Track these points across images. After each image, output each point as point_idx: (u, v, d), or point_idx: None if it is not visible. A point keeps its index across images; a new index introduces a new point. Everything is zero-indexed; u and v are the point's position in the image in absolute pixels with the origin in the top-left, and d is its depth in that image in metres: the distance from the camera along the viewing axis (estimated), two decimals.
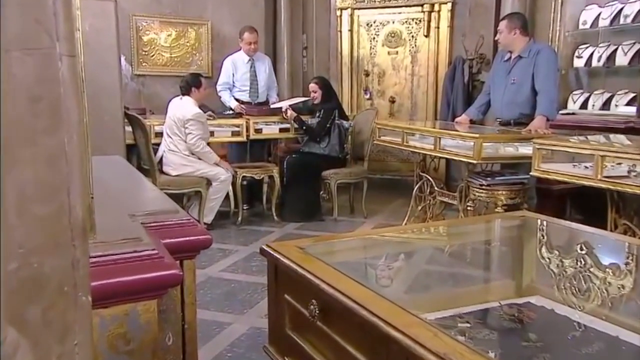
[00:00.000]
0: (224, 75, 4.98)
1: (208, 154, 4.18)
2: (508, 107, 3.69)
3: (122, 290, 0.96)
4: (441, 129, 3.75)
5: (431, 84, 5.74)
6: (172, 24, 5.51)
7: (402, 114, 5.93)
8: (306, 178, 4.60)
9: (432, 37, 5.68)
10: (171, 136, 4.13)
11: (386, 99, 5.99)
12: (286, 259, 1.29)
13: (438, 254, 1.96)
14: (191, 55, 5.63)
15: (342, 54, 6.06)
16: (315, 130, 4.67)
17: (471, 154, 3.14)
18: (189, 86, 4.14)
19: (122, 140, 3.82)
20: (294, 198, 4.61)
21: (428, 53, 5.73)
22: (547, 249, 1.76)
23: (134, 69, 5.38)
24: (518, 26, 3.60)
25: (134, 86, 5.40)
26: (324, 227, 4.49)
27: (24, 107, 0.70)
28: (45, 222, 0.73)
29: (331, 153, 4.66)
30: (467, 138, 3.25)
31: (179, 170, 4.11)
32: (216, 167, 4.21)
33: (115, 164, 2.02)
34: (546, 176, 2.70)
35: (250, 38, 4.88)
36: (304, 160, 4.67)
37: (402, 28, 5.84)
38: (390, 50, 5.93)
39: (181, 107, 4.11)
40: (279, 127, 4.79)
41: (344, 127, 4.71)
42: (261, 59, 5.09)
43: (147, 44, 5.45)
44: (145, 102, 5.33)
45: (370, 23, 5.97)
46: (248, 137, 4.64)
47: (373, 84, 6.05)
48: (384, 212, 5.00)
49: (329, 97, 4.80)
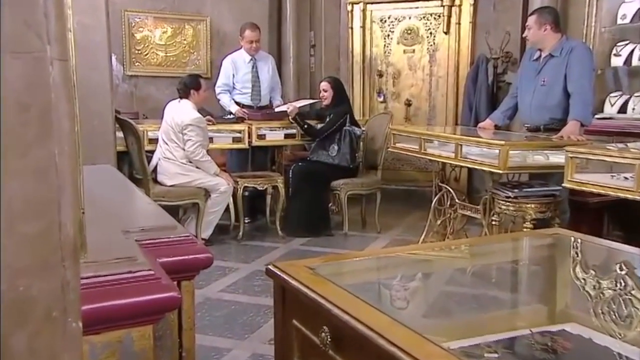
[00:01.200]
0: (223, 76, 5.01)
1: (208, 163, 4.20)
2: (537, 111, 3.68)
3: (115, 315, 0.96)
4: (463, 135, 3.75)
5: (451, 85, 5.74)
6: (167, 20, 5.57)
7: (419, 119, 5.94)
8: (314, 189, 4.60)
9: (453, 34, 5.69)
10: (167, 142, 4.15)
11: (402, 102, 6.00)
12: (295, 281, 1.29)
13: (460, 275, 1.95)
14: (188, 54, 5.68)
15: (354, 53, 6.09)
16: (317, 131, 4.68)
17: (496, 163, 3.13)
18: (188, 88, 4.18)
19: (113, 147, 3.85)
20: (300, 211, 4.61)
21: (448, 51, 5.74)
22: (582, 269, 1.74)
23: (125, 69, 5.43)
24: (549, 21, 3.60)
25: (126, 88, 5.45)
26: (333, 242, 4.49)
27: (11, 116, 0.71)
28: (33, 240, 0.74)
29: (341, 163, 4.67)
30: (492, 145, 3.24)
31: (174, 179, 4.14)
32: (216, 177, 4.23)
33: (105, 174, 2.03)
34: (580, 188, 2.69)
35: (252, 36, 4.91)
36: (312, 169, 4.68)
37: (420, 24, 5.86)
38: (406, 49, 5.95)
39: (179, 111, 4.14)
40: (284, 132, 4.81)
41: (356, 134, 4.71)
42: (264, 58, 5.13)
43: (140, 42, 5.50)
44: (137, 105, 5.38)
45: (385, 19, 5.99)
46: (250, 144, 4.66)
47: (387, 86, 6.06)
48: (400, 226, 4.99)
49: (341, 100, 4.82)
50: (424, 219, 4.26)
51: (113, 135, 3.90)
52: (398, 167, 6.03)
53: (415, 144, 3.85)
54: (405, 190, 5.90)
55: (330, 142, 4.69)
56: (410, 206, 5.45)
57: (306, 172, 4.65)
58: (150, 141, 4.30)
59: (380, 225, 4.78)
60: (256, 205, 5.01)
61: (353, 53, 6.09)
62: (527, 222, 3.19)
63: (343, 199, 4.64)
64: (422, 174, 5.83)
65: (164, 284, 1.03)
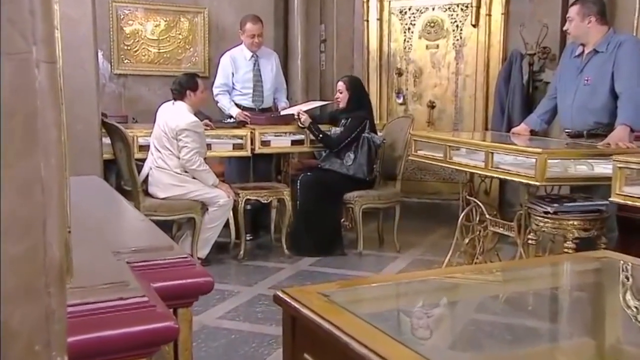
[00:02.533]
0: (222, 75, 5.04)
1: (205, 173, 4.22)
2: (580, 114, 3.67)
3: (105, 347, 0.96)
4: (494, 142, 3.74)
5: (480, 85, 5.74)
6: (160, 13, 5.63)
7: (444, 123, 5.93)
8: (324, 202, 4.62)
9: (482, 26, 5.70)
10: (160, 150, 4.18)
11: (424, 104, 6.00)
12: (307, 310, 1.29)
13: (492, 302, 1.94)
14: (184, 50, 5.72)
15: (369, 49, 6.11)
16: (333, 140, 4.69)
17: (532, 174, 3.11)
18: (183, 89, 4.21)
19: (99, 155, 3.89)
20: (309, 226, 4.62)
21: (477, 47, 5.74)
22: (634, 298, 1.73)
23: (113, 67, 5.49)
24: (594, 12, 3.59)
25: (114, 88, 5.50)
26: (346, 263, 4.48)
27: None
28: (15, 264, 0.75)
29: (357, 174, 4.67)
30: (528, 153, 3.23)
31: (168, 191, 4.16)
32: (214, 189, 4.25)
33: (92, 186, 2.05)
34: (631, 202, 2.67)
35: (254, 29, 4.94)
36: (322, 179, 4.69)
37: (445, 16, 5.88)
38: (429, 44, 5.95)
39: (174, 114, 4.18)
40: (290, 138, 4.83)
41: (375, 143, 4.71)
42: (267, 55, 5.16)
43: (129, 36, 5.56)
44: (127, 107, 5.42)
45: (405, 10, 6.02)
46: (253, 151, 4.68)
47: (407, 86, 6.07)
48: (422, 245, 4.98)
49: (359, 104, 4.80)
50: (449, 237, 4.25)
51: (99, 142, 3.93)
52: (420, 178, 6.02)
53: (440, 152, 3.84)
54: (428, 204, 5.89)
55: (346, 150, 4.69)
56: (433, 222, 5.43)
57: (316, 183, 4.66)
58: (141, 148, 4.33)
59: (399, 243, 4.77)
60: (259, 221, 5.02)
61: (369, 49, 6.11)
62: (569, 242, 3.16)
63: (357, 213, 4.64)
64: (448, 186, 5.82)
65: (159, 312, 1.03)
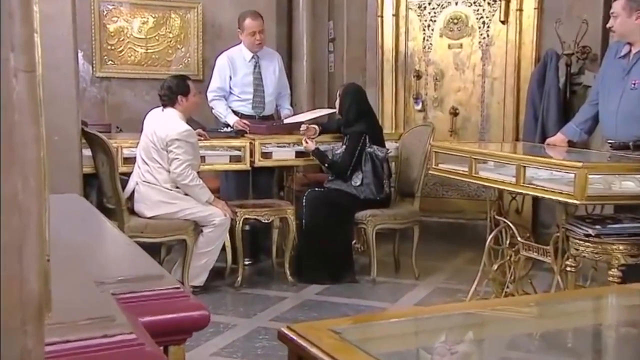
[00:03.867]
0: (218, 78, 5.06)
1: (198, 188, 4.23)
2: (625, 123, 3.66)
3: None
4: (526, 154, 3.74)
5: (510, 89, 5.73)
6: (148, 8, 5.68)
7: (469, 132, 5.93)
8: (333, 221, 4.61)
9: (512, 23, 5.70)
10: (147, 162, 4.20)
11: (446, 111, 6.00)
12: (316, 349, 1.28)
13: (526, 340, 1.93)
14: (174, 50, 5.76)
15: (384, 48, 6.12)
16: (341, 167, 4.69)
17: (571, 191, 3.10)
18: (173, 94, 4.22)
19: (78, 169, 3.90)
20: (315, 249, 4.61)
21: (506, 46, 5.75)
22: None
23: (95, 70, 5.53)
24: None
25: (95, 93, 5.53)
26: (357, 291, 4.47)
27: None
28: None
29: (367, 196, 4.66)
30: (565, 167, 3.22)
31: (156, 209, 4.17)
32: (209, 207, 4.25)
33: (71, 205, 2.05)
34: None
35: (254, 26, 4.96)
36: (330, 196, 4.70)
37: (469, 11, 5.89)
38: (451, 43, 5.97)
39: (163, 122, 4.19)
40: (295, 149, 4.84)
41: (378, 157, 4.67)
42: (269, 56, 5.18)
43: (113, 35, 5.60)
44: (110, 115, 5.45)
45: (424, 4, 6.04)
46: (252, 164, 4.69)
47: (427, 90, 6.07)
48: (444, 271, 4.96)
49: (355, 115, 4.75)
50: (475, 262, 4.22)
51: (78, 154, 3.95)
52: (441, 195, 6.00)
53: (464, 165, 3.84)
54: (450, 224, 5.87)
55: (352, 170, 4.68)
56: (457, 245, 5.41)
57: (323, 200, 4.67)
58: (126, 161, 4.34)
59: (418, 269, 4.75)
60: (259, 243, 5.02)
61: (383, 48, 6.12)
62: (614, 269, 3.14)
63: (370, 234, 4.63)
64: (473, 204, 5.80)
65: (148, 351, 1.03)
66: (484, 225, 4.24)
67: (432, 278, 4.77)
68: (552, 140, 4.11)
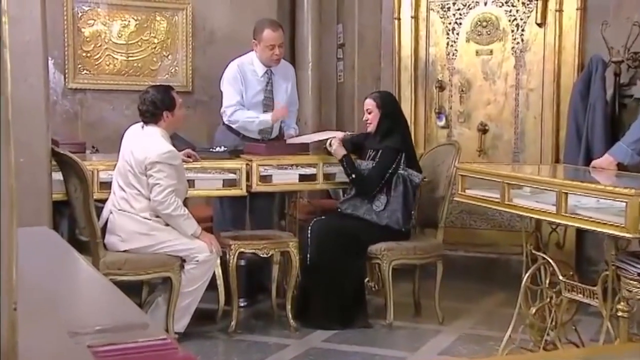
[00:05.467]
0: (233, 91, 5.04)
1: (183, 219, 4.20)
2: None
3: None
4: (568, 179, 3.72)
5: (548, 102, 5.73)
6: (129, 9, 5.72)
7: (501, 152, 5.93)
8: (343, 256, 4.60)
9: (551, 25, 5.72)
10: (124, 188, 4.19)
11: (473, 128, 6.00)
12: None
13: None
14: (160, 58, 5.79)
15: (401, 55, 6.14)
16: (368, 183, 4.68)
17: (622, 222, 3.07)
18: (158, 110, 4.21)
19: (47, 195, 3.89)
20: (322, 289, 4.61)
21: (543, 52, 5.76)
22: None
23: (67, 80, 5.55)
24: None
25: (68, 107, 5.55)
26: (371, 338, 4.45)
27: None
28: None
29: (390, 223, 4.65)
30: (615, 195, 3.19)
31: (131, 242, 4.15)
32: (193, 240, 4.23)
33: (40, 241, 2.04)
34: None
35: (274, 39, 4.98)
36: (340, 225, 4.69)
37: (501, 12, 5.91)
38: (480, 49, 5.98)
39: (142, 142, 4.19)
40: (298, 172, 4.83)
41: (414, 182, 4.68)
42: (283, 70, 5.22)
43: (89, 40, 5.64)
44: (85, 132, 5.47)
45: (448, 5, 6.06)
46: (250, 190, 4.68)
47: (451, 103, 6.08)
48: (472, 315, 4.94)
49: (392, 127, 4.78)
50: (509, 305, 4.19)
51: (48, 179, 3.95)
52: (468, 225, 6.00)
53: (495, 191, 3.83)
54: (479, 259, 5.86)
55: (377, 191, 4.67)
56: (488, 284, 5.40)
57: (332, 231, 4.66)
58: (103, 186, 4.33)
59: (442, 312, 4.74)
60: (257, 281, 5.01)
61: (400, 55, 6.15)
62: None
63: (386, 271, 4.62)
64: (506, 236, 5.77)
65: None
66: (519, 261, 4.22)
67: (458, 323, 4.75)
68: (598, 163, 4.10)
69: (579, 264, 4.96)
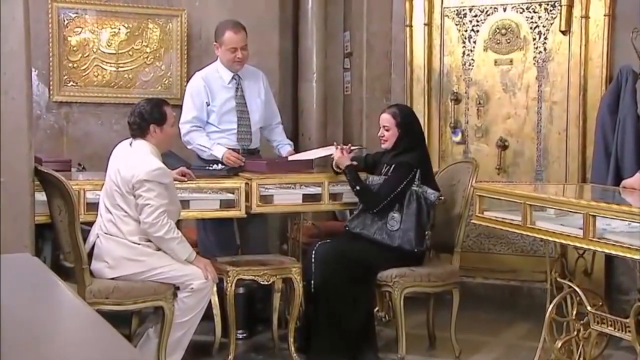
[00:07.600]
0: (192, 105, 5.07)
1: (176, 242, 4.17)
2: None
3: None
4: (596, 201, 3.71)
5: (574, 116, 5.74)
6: (119, 16, 5.74)
7: (522, 171, 5.94)
8: (350, 283, 4.57)
9: (576, 33, 5.73)
10: (110, 210, 4.17)
11: (492, 144, 6.01)
12: None
13: None
14: (152, 68, 5.81)
15: (413, 65, 6.17)
16: (373, 196, 4.66)
17: None
18: (145, 122, 4.20)
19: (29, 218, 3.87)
20: (327, 319, 4.58)
21: (568, 62, 5.78)
22: None
23: (52, 93, 5.56)
24: None
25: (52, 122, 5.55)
26: None
27: None
28: None
29: (403, 244, 4.63)
30: None
31: (118, 268, 4.12)
32: (187, 266, 4.20)
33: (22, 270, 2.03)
34: None
35: (236, 41, 5.01)
36: (347, 249, 4.67)
37: (521, 19, 5.94)
38: (499, 58, 6.01)
39: (130, 159, 4.18)
40: (302, 192, 4.83)
41: (428, 199, 4.66)
42: (251, 75, 5.25)
43: (76, 49, 5.66)
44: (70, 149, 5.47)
45: (464, 11, 6.09)
46: (249, 211, 4.66)
47: (468, 117, 6.11)
48: (492, 348, 4.92)
49: (411, 143, 4.76)
50: (532, 338, 4.23)
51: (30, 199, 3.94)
52: (487, 250, 5.99)
53: (516, 213, 3.84)
54: (499, 287, 5.86)
55: (389, 209, 4.64)
56: (509, 314, 5.39)
57: (338, 255, 4.64)
58: (90, 207, 4.32)
59: (459, 345, 4.73)
60: (256, 311, 5.01)
61: (412, 65, 6.18)
62: None
63: (398, 300, 4.59)
64: (528, 262, 5.78)
65: None
66: (543, 289, 4.23)
67: (476, 357, 4.74)
68: (629, 183, 4.10)
69: (608, 293, 4.95)
